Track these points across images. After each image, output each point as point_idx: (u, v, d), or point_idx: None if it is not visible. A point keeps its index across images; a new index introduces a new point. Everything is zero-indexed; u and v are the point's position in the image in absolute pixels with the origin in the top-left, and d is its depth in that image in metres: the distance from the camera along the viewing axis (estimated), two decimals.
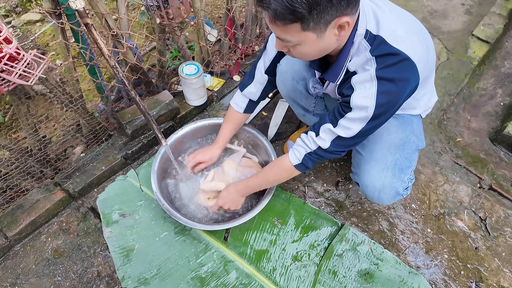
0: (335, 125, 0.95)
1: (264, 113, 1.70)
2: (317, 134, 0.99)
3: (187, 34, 2.12)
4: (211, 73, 1.81)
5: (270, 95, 1.73)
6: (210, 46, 1.74)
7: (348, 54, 0.87)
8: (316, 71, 1.07)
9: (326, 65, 1.00)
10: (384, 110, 0.87)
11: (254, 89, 1.25)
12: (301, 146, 1.04)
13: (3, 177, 1.23)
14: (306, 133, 1.04)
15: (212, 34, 1.85)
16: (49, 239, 1.33)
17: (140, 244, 1.27)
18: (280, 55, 1.16)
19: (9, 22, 2.46)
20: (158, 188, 1.27)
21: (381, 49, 0.82)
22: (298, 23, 0.73)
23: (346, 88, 0.92)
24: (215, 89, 1.77)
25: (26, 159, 1.26)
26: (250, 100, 1.29)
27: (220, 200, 1.24)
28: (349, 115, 0.91)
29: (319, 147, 0.99)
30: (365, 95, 0.86)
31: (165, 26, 1.43)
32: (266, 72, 1.20)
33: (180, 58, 2.02)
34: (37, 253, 1.29)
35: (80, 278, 1.24)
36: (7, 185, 1.28)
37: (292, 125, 1.66)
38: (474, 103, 1.92)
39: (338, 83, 0.96)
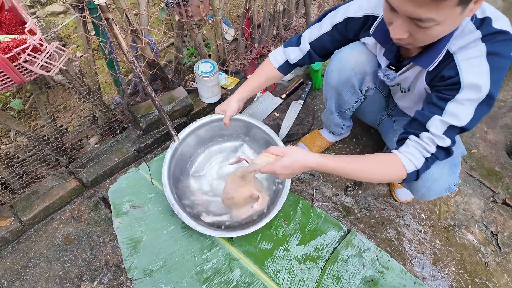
0: (440, 113, 0.85)
1: (276, 114, 1.71)
2: (431, 133, 0.88)
3: (204, 32, 2.14)
4: (226, 72, 1.83)
5: (283, 96, 1.73)
6: (226, 45, 1.75)
7: (451, 37, 0.81)
8: (384, 60, 1.02)
9: (399, 56, 0.97)
10: (496, 90, 0.80)
11: (294, 55, 1.19)
12: (417, 150, 0.91)
13: (20, 163, 1.28)
14: (418, 136, 0.90)
15: (229, 33, 1.87)
16: (61, 225, 1.37)
17: (148, 236, 1.29)
18: (332, 36, 1.10)
19: (34, 13, 2.54)
20: (168, 184, 1.27)
21: (489, 29, 0.79)
22: None
23: (447, 69, 0.84)
24: (229, 88, 1.78)
25: (43, 147, 1.30)
26: (287, 60, 1.22)
27: (279, 167, 0.95)
28: (458, 96, 0.82)
29: (438, 146, 0.88)
30: (477, 72, 0.79)
31: (183, 24, 1.45)
32: (310, 43, 1.14)
33: (196, 55, 2.04)
34: (49, 238, 1.33)
35: (88, 266, 1.28)
36: (24, 171, 1.32)
37: (304, 127, 1.66)
38: (492, 114, 1.88)
39: (430, 69, 0.88)
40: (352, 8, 1.03)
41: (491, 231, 1.40)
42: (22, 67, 0.88)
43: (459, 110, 0.82)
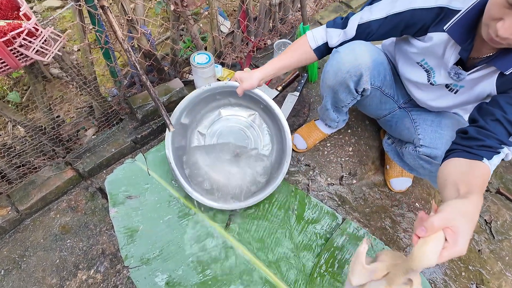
0: None
1: None
2: None
3: (201, 25, 2.15)
4: (222, 64, 1.83)
5: (279, 88, 1.74)
6: (222, 37, 1.76)
7: None
8: (454, 58, 0.95)
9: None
10: None
11: (336, 38, 1.10)
12: (500, 159, 0.90)
13: (17, 153, 1.28)
14: (507, 145, 0.85)
15: (225, 25, 1.87)
16: (58, 215, 1.38)
17: (144, 226, 1.30)
18: (381, 25, 1.01)
19: (31, 8, 2.54)
20: (172, 152, 1.28)
21: None
22: None
23: None
24: (226, 80, 1.79)
25: (40, 137, 1.30)
26: (327, 42, 1.12)
27: (465, 244, 0.64)
28: None
29: None
30: None
31: (179, 14, 1.45)
32: (356, 28, 1.05)
33: (192, 47, 2.05)
34: (46, 228, 1.34)
35: (85, 255, 1.28)
36: (21, 161, 1.33)
37: (300, 119, 1.67)
38: None
39: (508, 72, 0.84)
40: None
41: (485, 220, 1.42)
42: (18, 51, 0.89)
43: None
